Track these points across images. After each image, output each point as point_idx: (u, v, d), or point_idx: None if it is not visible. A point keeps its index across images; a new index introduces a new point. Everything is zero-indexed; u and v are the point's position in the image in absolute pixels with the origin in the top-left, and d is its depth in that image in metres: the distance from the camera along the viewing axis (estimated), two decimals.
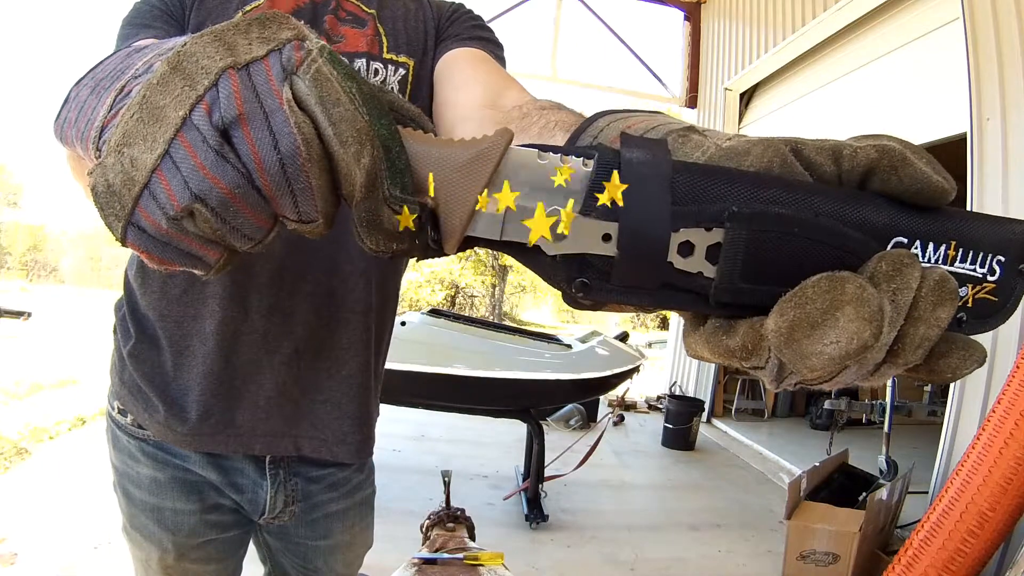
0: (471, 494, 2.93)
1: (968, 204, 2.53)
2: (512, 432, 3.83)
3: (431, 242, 0.29)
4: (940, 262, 0.25)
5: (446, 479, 1.68)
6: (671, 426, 4.28)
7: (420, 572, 1.11)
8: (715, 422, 5.08)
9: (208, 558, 0.80)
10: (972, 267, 0.25)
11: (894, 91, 3.31)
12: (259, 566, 0.95)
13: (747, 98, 5.10)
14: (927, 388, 5.19)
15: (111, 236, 0.27)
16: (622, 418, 4.88)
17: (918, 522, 1.90)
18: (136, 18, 0.64)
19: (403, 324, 2.85)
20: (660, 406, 5.15)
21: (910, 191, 0.25)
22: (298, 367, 0.73)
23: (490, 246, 0.28)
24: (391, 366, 0.87)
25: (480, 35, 0.76)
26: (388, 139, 0.27)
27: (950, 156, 1.96)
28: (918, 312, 0.23)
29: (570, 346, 3.07)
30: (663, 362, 6.46)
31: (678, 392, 5.28)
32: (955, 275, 0.25)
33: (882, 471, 3.20)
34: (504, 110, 0.56)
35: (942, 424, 2.61)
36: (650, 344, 10.67)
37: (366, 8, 0.73)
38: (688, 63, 5.74)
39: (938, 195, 0.25)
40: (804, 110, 4.26)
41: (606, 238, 0.25)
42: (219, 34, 0.26)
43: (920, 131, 3.01)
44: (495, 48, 0.74)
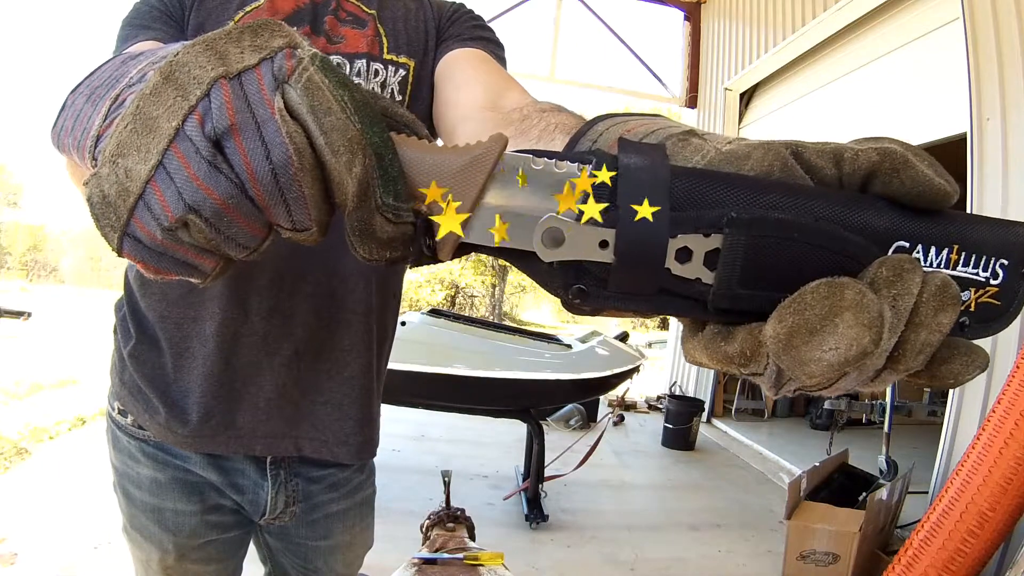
0: (471, 494, 2.93)
1: (968, 204, 2.53)
2: (512, 432, 3.83)
3: (425, 249, 0.29)
4: (942, 266, 0.25)
5: (446, 479, 1.68)
6: (671, 426, 4.28)
7: (420, 572, 1.11)
8: (715, 422, 5.08)
9: (208, 559, 0.80)
10: (975, 271, 0.25)
11: (894, 91, 3.31)
12: (259, 566, 0.95)
13: (747, 98, 5.10)
14: (927, 388, 5.19)
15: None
16: (622, 418, 4.88)
17: (918, 522, 1.90)
18: (136, 19, 0.64)
19: (403, 324, 2.85)
20: (660, 406, 5.15)
21: (912, 194, 0.24)
22: (298, 368, 0.73)
23: (486, 252, 0.28)
24: (391, 366, 0.87)
25: (481, 35, 0.76)
26: (380, 147, 0.27)
27: (950, 156, 1.96)
28: (919, 318, 0.22)
29: (570, 346, 3.07)
30: (663, 362, 6.46)
31: (678, 392, 5.28)
32: (957, 279, 0.24)
33: (882, 471, 3.20)
34: (504, 111, 0.56)
35: (942, 424, 2.61)
36: (650, 344, 10.66)
37: (366, 9, 0.73)
38: (688, 63, 5.74)
39: (940, 198, 0.24)
40: (804, 110, 4.26)
41: (603, 244, 0.25)
42: (211, 43, 0.26)
43: (920, 131, 3.01)
44: (496, 48, 0.74)
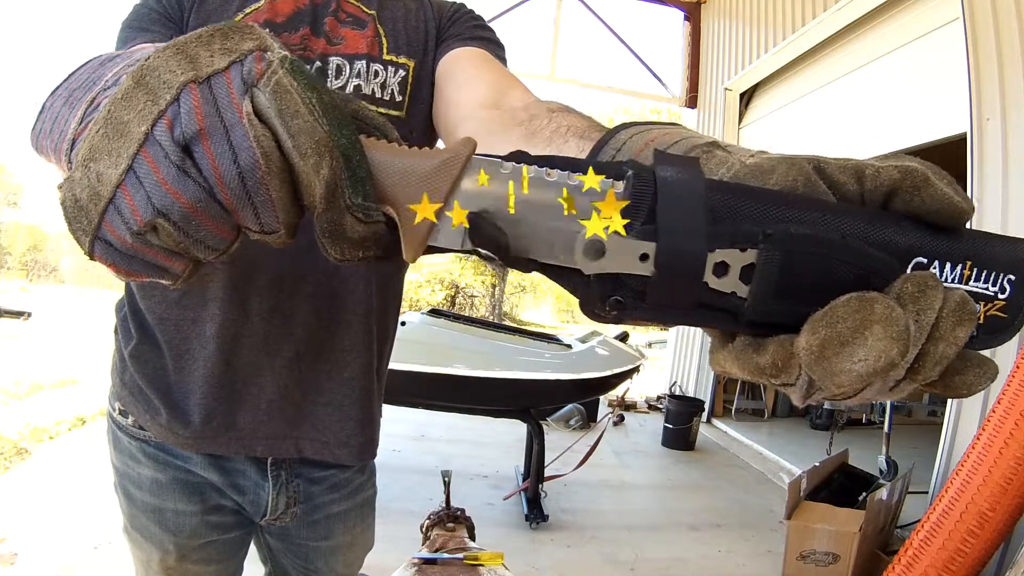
0: (471, 494, 2.93)
1: None
2: (512, 432, 3.83)
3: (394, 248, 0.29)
4: (957, 281, 0.26)
5: (446, 479, 1.68)
6: (671, 426, 4.28)
7: (420, 572, 1.11)
8: (715, 422, 5.08)
9: (209, 559, 0.80)
10: (985, 286, 0.26)
11: (894, 91, 3.31)
12: (259, 566, 0.95)
13: (747, 98, 5.09)
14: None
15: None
16: (622, 418, 4.88)
17: (918, 522, 1.90)
18: (135, 21, 0.64)
19: (403, 324, 2.85)
20: (660, 406, 5.15)
21: (931, 211, 0.25)
22: (299, 369, 0.73)
23: (536, 269, 0.28)
24: (391, 366, 0.87)
25: (482, 35, 0.76)
26: (348, 149, 0.27)
27: (950, 156, 1.97)
28: (939, 332, 0.23)
29: (570, 346, 3.07)
30: (663, 362, 6.46)
31: (678, 392, 5.28)
32: (970, 293, 0.25)
33: (882, 471, 3.20)
34: (508, 110, 0.56)
35: (942, 424, 2.61)
36: (650, 344, 10.67)
37: (366, 9, 0.73)
38: (688, 63, 5.74)
39: (958, 215, 0.25)
40: (804, 110, 4.26)
41: (643, 258, 0.25)
42: (182, 46, 0.26)
43: (920, 131, 3.01)
44: (496, 48, 0.74)
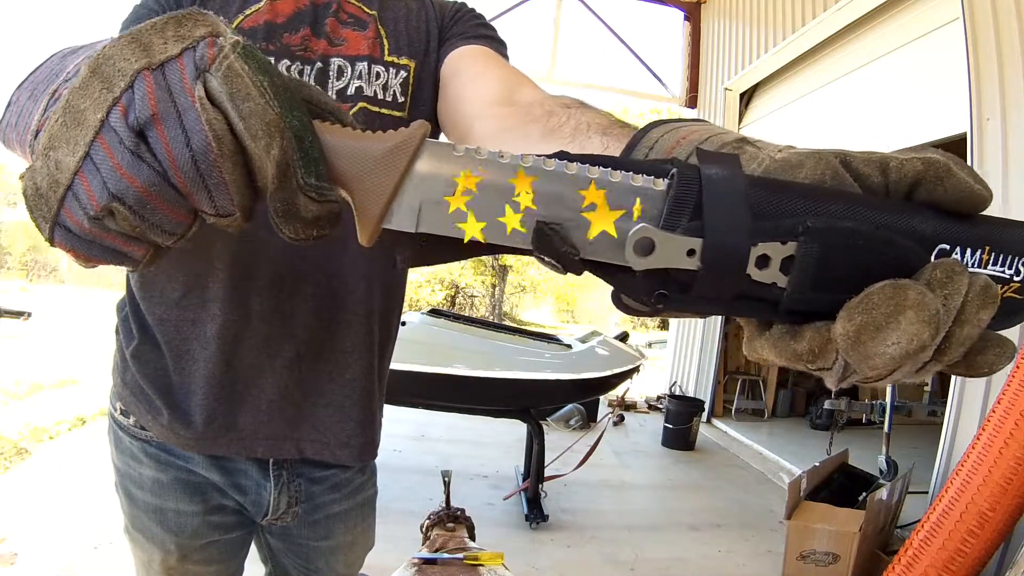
0: (471, 494, 2.93)
1: None
2: (512, 432, 3.83)
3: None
4: (977, 265, 0.27)
5: (446, 479, 1.68)
6: (671, 426, 4.28)
7: (420, 572, 1.11)
8: (715, 422, 5.08)
9: (210, 559, 0.80)
10: (1002, 269, 0.27)
11: (894, 91, 3.31)
12: (260, 566, 0.95)
13: (747, 98, 5.10)
14: (927, 388, 5.19)
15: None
16: (622, 418, 4.88)
17: (918, 522, 1.90)
18: (134, 22, 0.64)
19: (403, 324, 2.84)
20: (660, 406, 5.15)
21: (953, 200, 0.26)
22: (300, 370, 0.73)
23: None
24: (391, 366, 0.87)
25: (485, 33, 0.75)
26: (300, 130, 0.27)
27: None
28: (965, 315, 0.24)
29: (570, 346, 3.07)
30: (663, 362, 6.46)
31: (678, 392, 5.29)
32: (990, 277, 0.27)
33: (882, 471, 3.20)
34: (522, 106, 0.55)
35: (942, 424, 2.61)
36: (650, 344, 10.67)
37: (367, 10, 0.73)
38: (688, 63, 5.74)
39: (979, 203, 0.26)
40: (804, 110, 4.26)
41: (690, 253, 0.26)
42: (136, 35, 0.27)
43: (920, 131, 3.01)
44: (500, 46, 0.74)
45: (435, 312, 3.24)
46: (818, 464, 2.72)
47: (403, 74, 0.72)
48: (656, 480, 3.66)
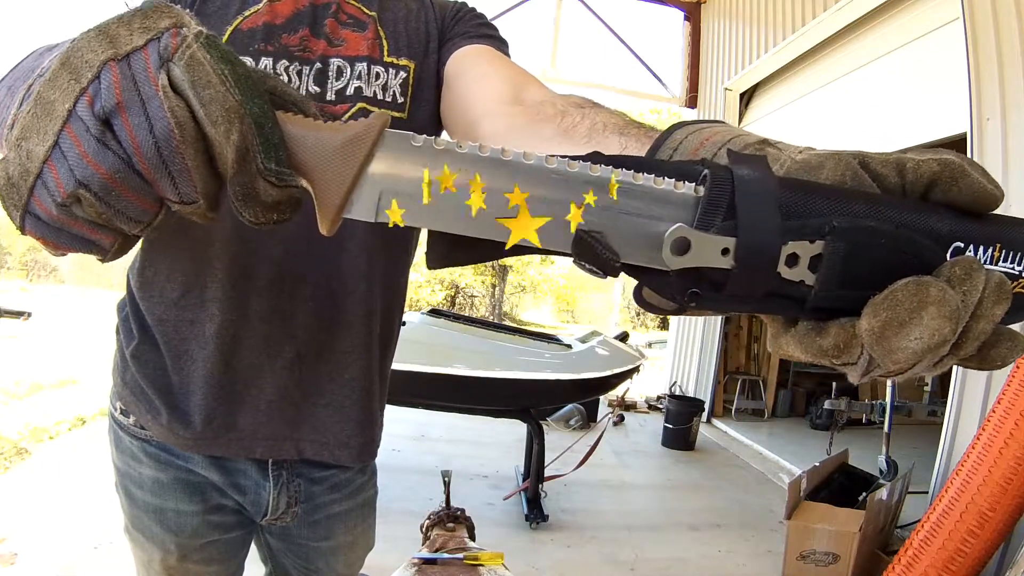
0: (471, 494, 2.93)
1: None
2: (512, 432, 3.83)
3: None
4: (988, 262, 0.28)
5: (446, 479, 1.68)
6: (671, 426, 4.28)
7: (420, 572, 1.11)
8: (715, 422, 5.08)
9: (210, 559, 0.80)
10: (1011, 265, 0.28)
11: (894, 91, 3.31)
12: (260, 566, 0.95)
13: (747, 98, 5.10)
14: (927, 388, 5.19)
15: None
16: (622, 418, 4.89)
17: (918, 522, 1.90)
18: None
19: (403, 324, 2.84)
20: (660, 406, 5.15)
21: (967, 200, 0.27)
22: (299, 371, 0.73)
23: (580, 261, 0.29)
24: (391, 366, 0.87)
25: (487, 32, 0.75)
26: (260, 116, 0.28)
27: None
28: (981, 310, 0.25)
29: (570, 346, 3.07)
30: (663, 362, 6.46)
31: (678, 392, 5.29)
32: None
33: (882, 471, 3.20)
34: (532, 105, 0.55)
35: (942, 424, 2.61)
36: (650, 344, 10.66)
37: (367, 10, 0.73)
38: (688, 63, 5.74)
39: (991, 203, 0.27)
40: (804, 110, 4.26)
41: (724, 252, 0.27)
42: (104, 28, 0.28)
43: (920, 131, 3.01)
44: (502, 46, 0.74)
45: (435, 312, 3.24)
46: (818, 464, 2.72)
47: (403, 75, 0.72)
48: (656, 480, 3.66)
